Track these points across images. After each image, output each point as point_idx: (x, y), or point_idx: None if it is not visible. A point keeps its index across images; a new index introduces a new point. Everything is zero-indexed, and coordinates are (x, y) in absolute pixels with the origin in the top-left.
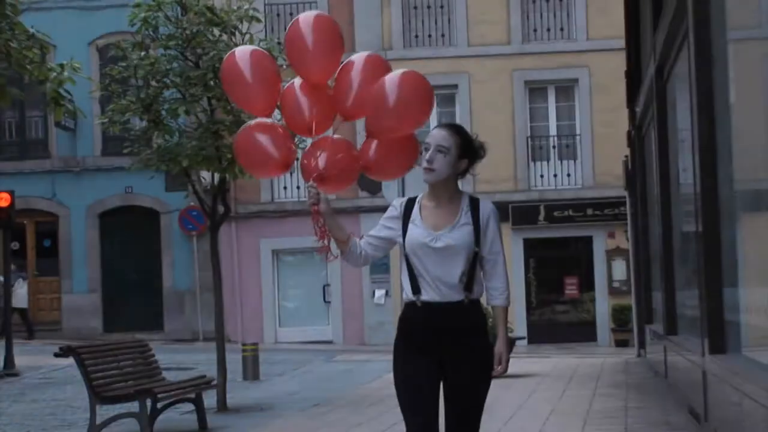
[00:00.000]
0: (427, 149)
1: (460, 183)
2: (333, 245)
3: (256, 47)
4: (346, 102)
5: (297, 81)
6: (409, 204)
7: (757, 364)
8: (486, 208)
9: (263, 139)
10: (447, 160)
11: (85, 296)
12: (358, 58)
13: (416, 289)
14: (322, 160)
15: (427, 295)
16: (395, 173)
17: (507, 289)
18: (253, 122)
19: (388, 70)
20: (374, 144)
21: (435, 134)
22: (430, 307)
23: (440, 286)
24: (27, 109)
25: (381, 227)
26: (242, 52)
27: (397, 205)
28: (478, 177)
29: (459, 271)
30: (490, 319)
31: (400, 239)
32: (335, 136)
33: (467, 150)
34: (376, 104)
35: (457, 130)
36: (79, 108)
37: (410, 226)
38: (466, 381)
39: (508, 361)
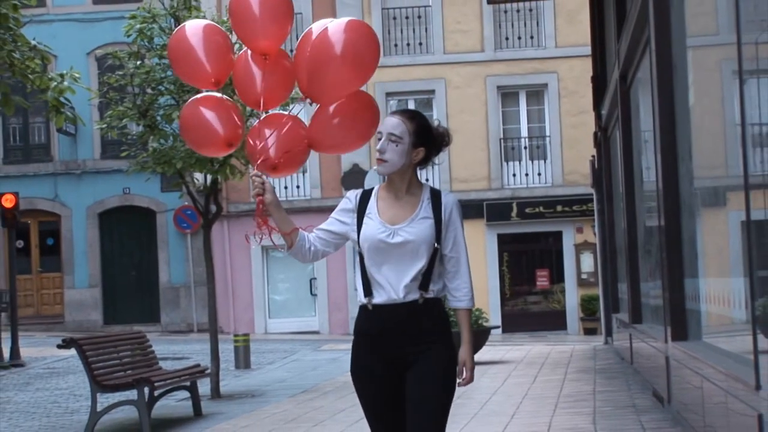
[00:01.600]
0: (379, 138)
1: (424, 174)
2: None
3: (209, 21)
4: (305, 72)
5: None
6: (365, 196)
7: (716, 349)
8: (448, 200)
9: (209, 115)
10: (400, 150)
11: (86, 291)
12: (321, 23)
13: (368, 291)
14: (273, 148)
15: (379, 297)
16: (350, 144)
17: (471, 290)
18: (200, 95)
19: None
20: (327, 113)
21: (387, 122)
22: (382, 310)
23: (394, 286)
24: (30, 116)
25: (333, 221)
26: (194, 27)
27: (351, 197)
28: (455, 176)
29: (416, 269)
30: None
31: (354, 234)
32: (290, 113)
33: (423, 138)
34: (319, 54)
35: (411, 116)
36: (78, 115)
37: (365, 219)
38: (426, 385)
39: (472, 369)
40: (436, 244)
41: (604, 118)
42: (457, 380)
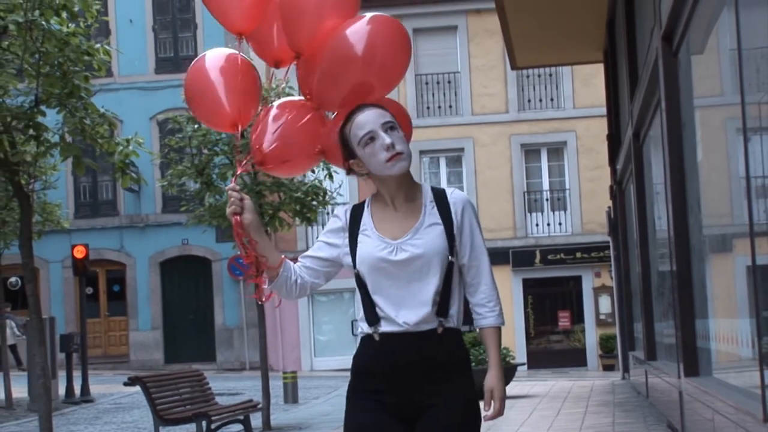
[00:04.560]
0: (373, 138)
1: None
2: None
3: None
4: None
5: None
6: (356, 211)
7: (726, 384)
8: (457, 198)
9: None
10: (403, 136)
11: (148, 333)
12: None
13: (373, 319)
14: (269, 139)
15: (388, 325)
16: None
17: (498, 303)
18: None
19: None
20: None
21: (369, 117)
22: (391, 339)
23: (405, 312)
24: (99, 175)
25: (321, 245)
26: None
27: (340, 213)
28: (482, 226)
29: (431, 290)
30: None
31: (348, 258)
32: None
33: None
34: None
35: (380, 105)
36: (142, 176)
37: (360, 237)
38: None
39: (502, 399)
40: (450, 257)
41: (619, 172)
42: (483, 412)
